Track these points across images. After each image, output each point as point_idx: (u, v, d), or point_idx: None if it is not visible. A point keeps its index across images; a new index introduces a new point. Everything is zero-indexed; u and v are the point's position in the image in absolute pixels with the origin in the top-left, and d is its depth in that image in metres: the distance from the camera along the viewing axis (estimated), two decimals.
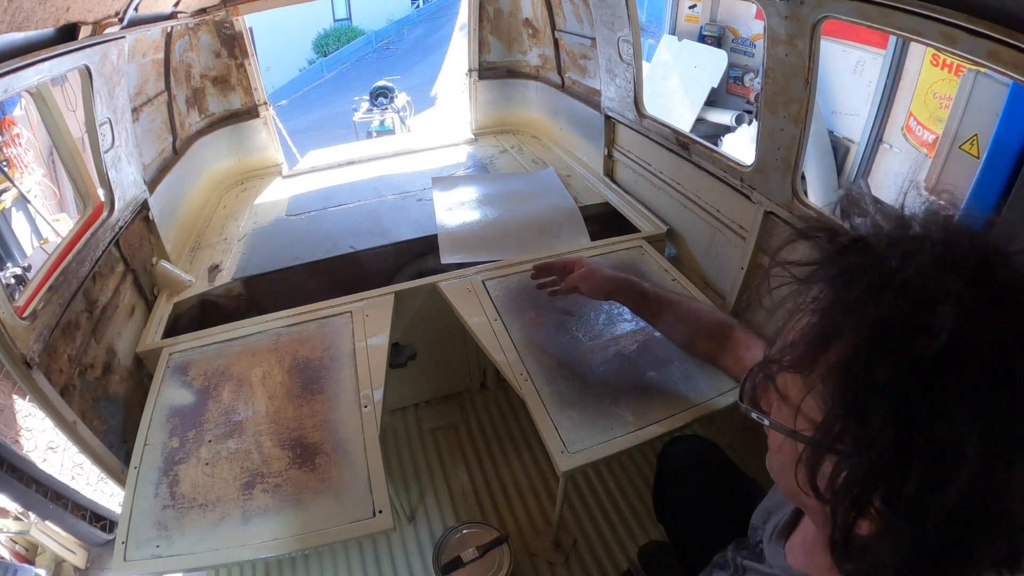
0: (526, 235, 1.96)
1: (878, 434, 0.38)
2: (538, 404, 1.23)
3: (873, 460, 0.39)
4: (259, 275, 1.88)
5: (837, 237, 0.46)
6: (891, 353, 0.38)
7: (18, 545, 1.69)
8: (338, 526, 1.05)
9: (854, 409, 0.40)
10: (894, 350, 0.38)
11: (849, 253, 0.44)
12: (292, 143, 4.32)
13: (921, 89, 3.51)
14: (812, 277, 0.46)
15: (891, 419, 0.38)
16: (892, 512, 0.40)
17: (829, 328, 0.43)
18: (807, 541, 0.61)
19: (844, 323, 0.42)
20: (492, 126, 2.99)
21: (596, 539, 1.55)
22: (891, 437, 0.38)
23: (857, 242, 0.44)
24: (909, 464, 0.38)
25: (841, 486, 0.41)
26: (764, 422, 0.51)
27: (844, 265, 0.43)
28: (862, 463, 0.40)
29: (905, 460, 0.38)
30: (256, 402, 1.32)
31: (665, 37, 5.53)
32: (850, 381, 0.40)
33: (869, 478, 0.40)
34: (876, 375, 0.38)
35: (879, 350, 0.39)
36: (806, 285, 0.46)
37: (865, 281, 0.41)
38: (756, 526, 0.76)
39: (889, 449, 0.38)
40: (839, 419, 0.41)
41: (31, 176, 3.64)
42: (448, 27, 13.31)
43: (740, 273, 1.62)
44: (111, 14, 1.38)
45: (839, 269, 0.44)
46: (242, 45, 2.44)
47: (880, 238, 0.44)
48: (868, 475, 0.40)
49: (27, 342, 1.15)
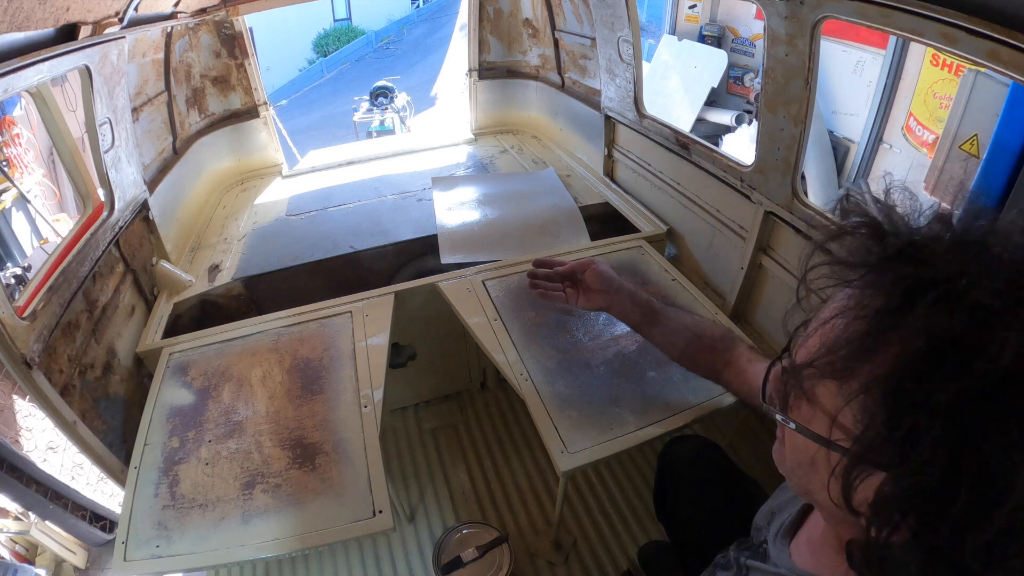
0: (526, 235, 1.96)
1: (930, 456, 0.37)
2: (538, 404, 1.23)
3: (920, 481, 0.38)
4: (259, 275, 1.88)
5: (886, 238, 0.44)
6: (952, 373, 0.37)
7: (18, 545, 1.69)
8: (338, 526, 1.05)
9: (903, 426, 0.38)
10: (956, 371, 0.37)
11: (905, 260, 0.42)
12: (292, 143, 4.33)
13: (921, 89, 3.51)
14: (862, 280, 0.44)
15: (945, 441, 0.37)
16: (930, 532, 0.38)
17: (878, 336, 0.41)
18: (813, 540, 0.61)
19: (896, 333, 0.40)
20: (492, 126, 2.99)
21: (596, 539, 1.55)
22: (943, 460, 0.37)
23: (912, 247, 0.42)
24: (958, 487, 0.37)
25: (881, 504, 0.40)
26: (790, 425, 0.49)
27: (904, 273, 0.41)
28: (908, 482, 0.39)
29: (954, 484, 0.37)
30: (256, 402, 1.32)
31: (665, 37, 5.53)
32: (901, 396, 0.39)
33: (913, 499, 0.39)
34: (934, 395, 0.37)
35: (939, 368, 0.37)
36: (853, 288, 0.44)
37: (933, 296, 0.39)
38: (760, 526, 0.76)
39: (939, 472, 0.37)
40: (885, 435, 0.39)
41: (31, 176, 3.64)
42: (448, 27, 13.32)
43: (740, 273, 1.62)
44: (111, 14, 1.38)
45: (897, 276, 0.41)
46: (242, 45, 2.44)
47: (935, 246, 0.41)
48: (912, 496, 0.39)
49: (27, 342, 1.15)
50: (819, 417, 0.46)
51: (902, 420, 0.39)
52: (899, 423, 0.39)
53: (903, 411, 0.39)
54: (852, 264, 0.45)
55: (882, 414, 0.40)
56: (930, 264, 0.40)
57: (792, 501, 0.69)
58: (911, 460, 0.38)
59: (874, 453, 0.40)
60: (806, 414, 0.48)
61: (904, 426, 0.38)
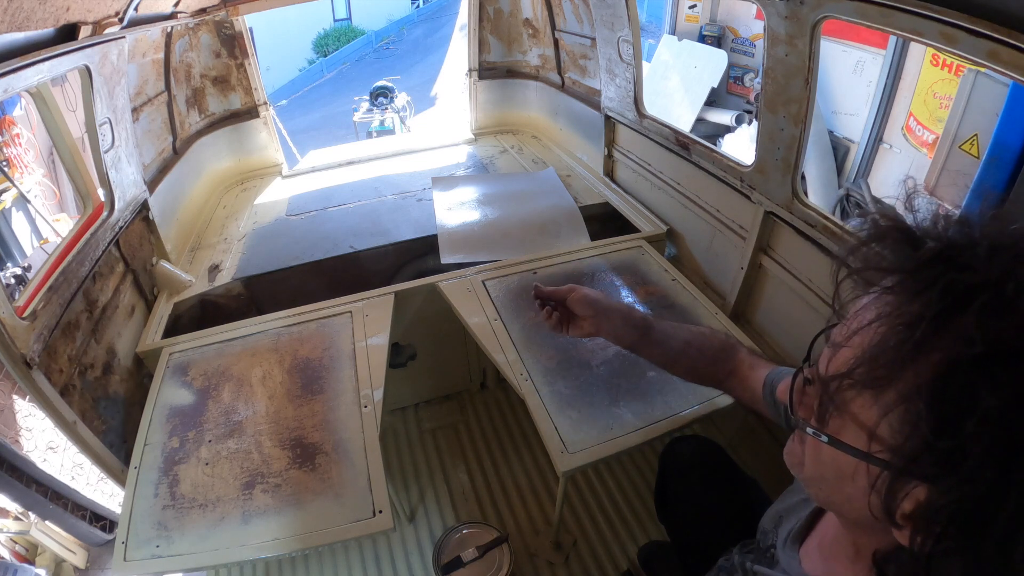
0: (526, 235, 1.96)
1: (980, 465, 0.36)
2: (538, 404, 1.23)
3: (969, 491, 0.37)
4: (259, 275, 1.88)
5: (918, 243, 0.43)
6: (1002, 380, 0.36)
7: (18, 545, 1.69)
8: (338, 526, 1.05)
9: (951, 436, 0.37)
10: (1006, 377, 0.36)
11: (943, 265, 0.40)
12: (292, 143, 4.32)
13: (921, 89, 3.51)
14: (898, 288, 0.42)
15: (994, 449, 0.36)
16: (976, 543, 0.38)
17: (920, 343, 0.39)
18: (825, 547, 0.60)
19: (941, 340, 0.38)
20: (492, 126, 2.99)
21: (596, 539, 1.55)
22: (993, 468, 0.36)
23: (948, 252, 0.41)
24: (1006, 497, 0.36)
25: (926, 514, 0.39)
26: (822, 439, 0.47)
27: (949, 280, 0.39)
28: (955, 493, 0.37)
29: (1003, 494, 0.36)
30: (256, 402, 1.32)
31: (665, 37, 5.54)
32: (949, 404, 0.37)
33: (960, 508, 0.38)
34: (984, 401, 0.36)
35: (989, 376, 0.36)
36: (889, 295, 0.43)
37: (981, 301, 0.37)
38: (767, 530, 0.75)
39: (988, 480, 0.36)
40: (931, 444, 0.38)
41: (31, 176, 3.64)
42: (448, 27, 13.31)
43: (740, 273, 1.62)
44: (111, 14, 1.38)
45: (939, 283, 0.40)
46: (242, 45, 2.44)
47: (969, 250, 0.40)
48: (960, 505, 0.37)
49: (27, 342, 1.15)
50: (852, 428, 0.45)
51: (950, 428, 0.37)
52: (947, 432, 0.37)
53: (951, 419, 0.37)
54: (887, 270, 0.44)
55: (927, 423, 0.38)
56: (973, 269, 0.39)
57: (801, 505, 0.69)
58: (960, 470, 0.37)
59: (917, 464, 0.39)
60: (835, 425, 0.46)
61: (952, 435, 0.37)
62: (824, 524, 0.63)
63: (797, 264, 1.44)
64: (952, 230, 0.43)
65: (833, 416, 0.46)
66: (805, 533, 0.65)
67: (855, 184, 4.00)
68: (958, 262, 0.40)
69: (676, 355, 1.00)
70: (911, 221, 0.45)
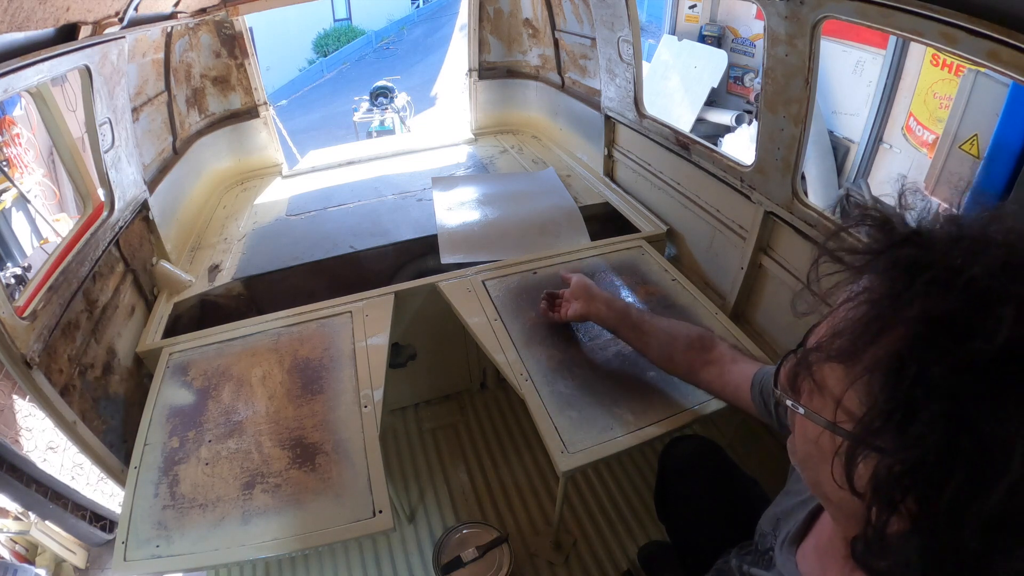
0: (526, 235, 1.96)
1: (925, 432, 0.38)
2: (538, 404, 1.23)
3: (917, 459, 0.39)
4: (259, 275, 1.88)
5: (892, 228, 0.45)
6: (948, 351, 0.38)
7: (18, 545, 1.69)
8: (338, 526, 1.05)
9: (902, 404, 0.39)
10: (951, 348, 0.38)
11: (907, 246, 0.43)
12: (292, 143, 4.33)
13: (921, 89, 3.51)
14: (867, 267, 0.45)
15: (940, 418, 0.37)
16: (928, 513, 0.39)
17: (882, 320, 0.42)
18: (820, 547, 0.61)
19: (899, 316, 0.41)
20: (492, 126, 2.99)
21: (596, 539, 1.55)
22: (938, 436, 0.37)
23: (915, 235, 0.44)
24: (954, 465, 0.37)
25: (880, 483, 0.41)
26: (799, 410, 0.50)
27: (904, 257, 0.42)
28: (905, 461, 0.39)
29: (950, 461, 0.37)
30: (256, 402, 1.32)
31: (665, 37, 5.53)
32: (901, 376, 0.40)
33: (910, 477, 0.39)
34: (930, 371, 0.38)
35: (935, 346, 0.38)
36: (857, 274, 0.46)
37: (928, 276, 0.40)
38: (765, 532, 0.75)
39: (935, 449, 0.38)
40: (884, 414, 0.40)
41: (31, 176, 3.64)
42: (448, 27, 13.31)
43: (740, 273, 1.62)
44: (111, 14, 1.38)
45: (898, 261, 0.43)
46: (242, 45, 2.44)
47: (937, 234, 0.43)
48: (909, 474, 0.39)
49: (27, 342, 1.15)
50: (827, 402, 0.47)
51: (901, 396, 0.39)
52: (900, 402, 0.40)
53: (902, 388, 0.39)
54: (860, 252, 0.46)
55: (884, 394, 0.41)
56: (929, 248, 0.42)
57: (798, 508, 0.69)
58: (909, 438, 0.39)
59: (874, 435, 0.41)
60: (817, 402, 0.48)
61: (904, 405, 0.39)
62: (820, 525, 0.63)
63: (797, 264, 1.44)
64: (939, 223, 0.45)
65: (813, 392, 0.49)
66: (802, 535, 0.65)
67: (855, 184, 4.00)
68: (918, 243, 0.43)
69: (650, 339, 1.14)
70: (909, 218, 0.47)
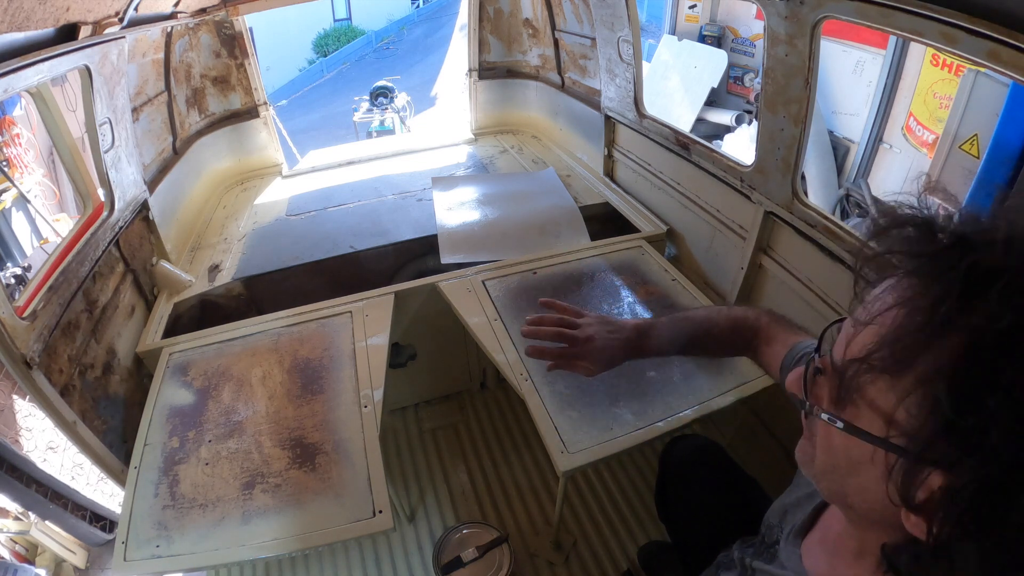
0: (526, 235, 1.96)
1: (1002, 442, 0.36)
2: (538, 404, 1.23)
3: (992, 474, 0.37)
4: (259, 275, 1.88)
5: (939, 231, 0.43)
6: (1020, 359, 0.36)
7: (18, 545, 1.69)
8: (338, 526, 1.05)
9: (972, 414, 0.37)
10: None
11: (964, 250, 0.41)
12: (292, 143, 4.32)
13: (921, 89, 3.51)
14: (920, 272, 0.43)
15: (1016, 428, 0.36)
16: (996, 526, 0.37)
17: (941, 326, 0.39)
18: (827, 543, 0.60)
19: (962, 321, 0.39)
20: (492, 126, 2.99)
21: (596, 539, 1.55)
22: (1014, 447, 0.36)
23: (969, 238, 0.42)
24: None
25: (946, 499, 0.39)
26: (837, 424, 0.46)
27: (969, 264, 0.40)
28: (977, 474, 0.37)
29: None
30: (256, 402, 1.32)
31: (665, 37, 5.54)
32: (970, 384, 0.37)
33: (981, 491, 0.37)
34: (1006, 376, 0.36)
35: (1010, 351, 0.37)
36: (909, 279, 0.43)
37: (1002, 284, 0.38)
38: (772, 524, 0.74)
39: (1009, 460, 0.36)
40: (950, 426, 0.38)
41: (31, 176, 3.64)
42: (448, 27, 13.31)
43: (740, 273, 1.62)
44: (111, 14, 1.38)
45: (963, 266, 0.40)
46: (242, 45, 2.44)
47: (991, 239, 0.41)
48: (981, 487, 0.37)
49: (27, 342, 1.15)
50: (868, 414, 0.44)
51: (971, 406, 0.37)
52: (968, 410, 0.37)
53: (972, 397, 0.37)
54: (909, 254, 0.44)
55: (948, 403, 0.38)
56: (993, 253, 0.40)
57: (805, 500, 0.68)
58: (981, 449, 0.37)
59: (935, 449, 0.39)
60: (851, 413, 0.46)
61: (973, 412, 0.37)
62: (827, 520, 0.63)
63: (797, 264, 1.44)
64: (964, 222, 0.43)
65: (848, 403, 0.46)
66: (807, 528, 0.65)
67: (855, 184, 4.00)
68: (979, 247, 0.41)
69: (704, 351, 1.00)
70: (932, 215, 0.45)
